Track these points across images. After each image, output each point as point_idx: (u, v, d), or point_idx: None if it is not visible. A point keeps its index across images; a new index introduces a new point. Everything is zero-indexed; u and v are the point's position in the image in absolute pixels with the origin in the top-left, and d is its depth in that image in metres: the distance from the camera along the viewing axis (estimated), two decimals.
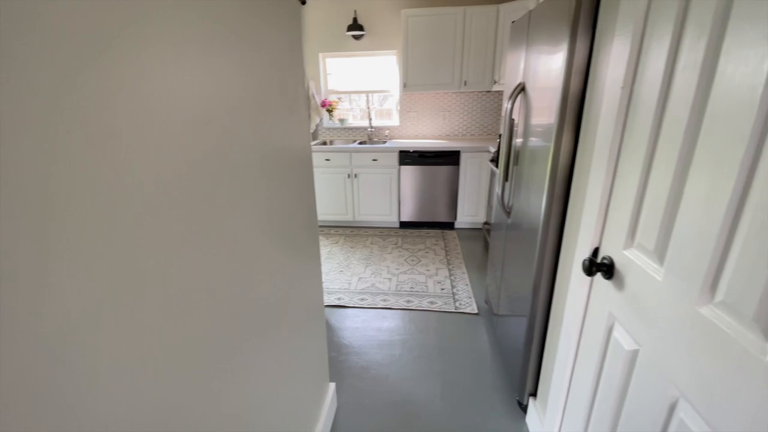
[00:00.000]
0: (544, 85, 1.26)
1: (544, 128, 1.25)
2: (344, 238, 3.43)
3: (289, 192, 1.07)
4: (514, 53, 1.69)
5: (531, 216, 1.37)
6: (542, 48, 1.29)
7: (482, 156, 3.29)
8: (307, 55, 3.78)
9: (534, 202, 1.34)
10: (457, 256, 3.02)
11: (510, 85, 1.75)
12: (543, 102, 1.27)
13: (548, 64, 1.22)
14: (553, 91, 1.17)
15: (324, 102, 3.84)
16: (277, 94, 0.99)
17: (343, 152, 3.44)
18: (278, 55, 0.99)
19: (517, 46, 1.64)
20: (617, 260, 0.86)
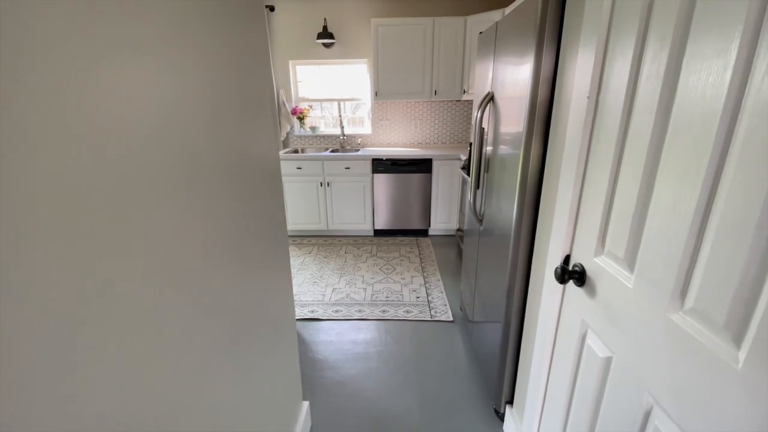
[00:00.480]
0: (512, 95, 1.28)
1: (513, 136, 1.27)
2: (318, 248, 3.35)
3: (255, 202, 1.01)
4: (483, 63, 1.71)
5: (503, 222, 1.38)
6: (510, 59, 1.31)
7: (453, 164, 3.33)
8: (277, 63, 3.71)
9: (505, 208, 1.35)
10: (431, 263, 3.02)
11: (479, 95, 1.78)
12: (512, 111, 1.29)
13: (516, 74, 1.24)
14: (521, 101, 1.18)
15: (294, 109, 3.78)
16: (241, 100, 0.94)
17: (315, 160, 3.38)
18: (242, 61, 0.94)
19: (485, 56, 1.67)
20: (588, 267, 0.87)
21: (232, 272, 0.87)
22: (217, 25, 0.80)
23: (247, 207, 0.97)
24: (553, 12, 1.04)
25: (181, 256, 0.65)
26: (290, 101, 3.82)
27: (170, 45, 0.63)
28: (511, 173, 1.29)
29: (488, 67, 1.61)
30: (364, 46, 3.60)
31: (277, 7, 3.54)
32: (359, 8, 3.50)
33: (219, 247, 0.80)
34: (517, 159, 1.22)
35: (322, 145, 3.95)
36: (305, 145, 3.97)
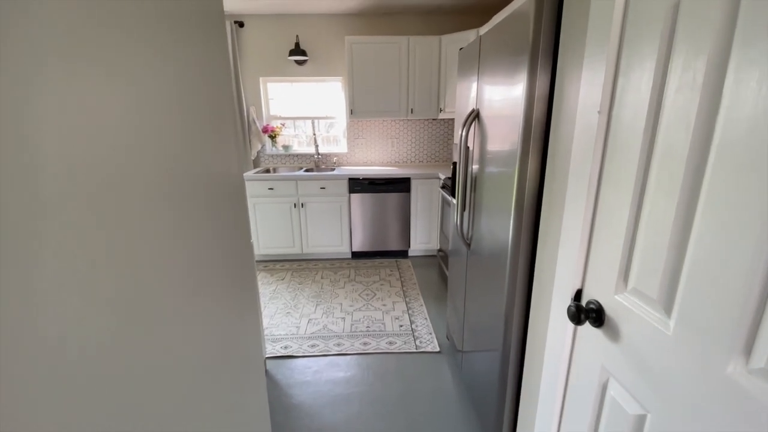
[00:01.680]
0: (502, 113, 1.19)
1: (505, 154, 1.17)
2: (291, 274, 3.13)
3: (216, 227, 0.85)
4: (465, 80, 1.64)
5: (496, 243, 1.27)
6: (498, 77, 1.23)
7: (432, 183, 3.25)
8: (247, 79, 3.55)
9: (498, 229, 1.24)
10: (413, 286, 2.87)
11: (462, 113, 1.69)
12: (502, 129, 1.20)
13: (507, 92, 1.15)
14: (514, 119, 1.09)
15: (266, 128, 3.61)
16: (200, 116, 0.79)
17: (289, 180, 3.20)
18: (200, 74, 0.79)
19: (468, 73, 1.59)
20: (607, 305, 0.75)
21: (189, 306, 0.69)
22: (162, 32, 0.65)
23: (208, 232, 0.80)
24: (547, 25, 0.97)
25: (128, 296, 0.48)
26: (261, 119, 3.65)
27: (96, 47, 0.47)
28: (503, 192, 1.19)
29: (471, 84, 1.54)
30: (338, 63, 3.52)
31: (246, 23, 3.41)
32: (332, 26, 3.43)
33: (169, 278, 0.62)
34: (511, 178, 1.12)
35: (295, 164, 3.78)
36: (278, 164, 3.79)
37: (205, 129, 0.84)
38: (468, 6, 3.22)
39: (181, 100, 0.72)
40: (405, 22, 3.45)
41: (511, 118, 1.11)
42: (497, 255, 1.26)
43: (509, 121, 1.13)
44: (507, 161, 1.16)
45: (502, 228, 1.21)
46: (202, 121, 0.82)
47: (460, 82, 1.72)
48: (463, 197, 1.56)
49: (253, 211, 3.27)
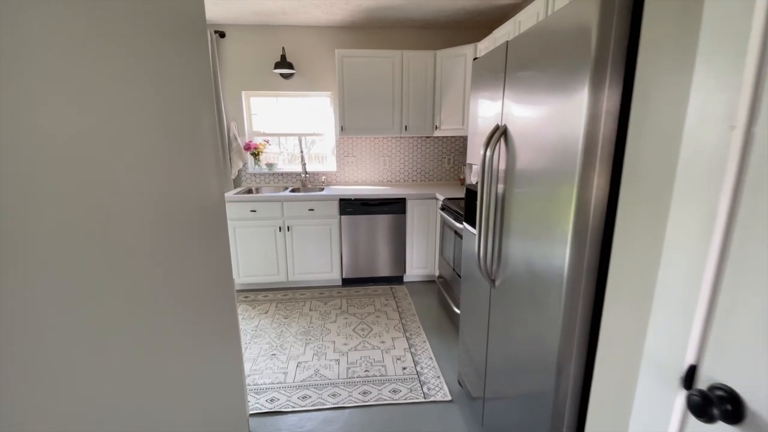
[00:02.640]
0: (548, 130, 0.99)
1: (553, 175, 0.97)
2: (276, 305, 2.82)
3: (191, 255, 0.60)
4: (483, 94, 1.45)
5: (540, 278, 1.05)
6: (539, 89, 1.04)
7: (429, 203, 3.05)
8: (228, 93, 3.29)
9: (544, 261, 1.02)
10: (412, 317, 2.61)
11: (480, 130, 1.50)
12: (548, 147, 0.99)
13: (556, 106, 0.96)
14: (570, 136, 0.89)
15: (248, 144, 3.34)
16: (177, 133, 0.55)
17: (273, 201, 2.93)
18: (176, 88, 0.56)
19: (487, 85, 1.40)
20: (748, 394, 0.53)
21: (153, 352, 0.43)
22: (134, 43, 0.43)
23: (182, 261, 0.55)
24: (619, 32, 0.78)
25: None
26: (243, 135, 3.38)
27: None
28: (553, 219, 0.97)
29: (493, 97, 1.35)
30: (327, 77, 3.32)
31: (228, 34, 3.18)
32: (321, 38, 3.25)
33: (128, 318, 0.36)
34: (567, 202, 0.91)
35: (280, 183, 3.51)
36: (261, 184, 3.50)
37: (187, 152, 0.60)
38: (464, 21, 3.11)
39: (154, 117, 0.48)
40: (398, 36, 3.31)
41: (566, 135, 0.91)
42: (542, 292, 1.04)
43: (561, 138, 0.93)
44: (556, 183, 0.95)
45: (551, 260, 0.99)
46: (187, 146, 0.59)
47: (476, 96, 1.53)
48: (486, 225, 1.34)
49: (233, 235, 2.95)
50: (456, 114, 3.02)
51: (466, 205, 1.68)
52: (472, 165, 1.57)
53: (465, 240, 1.72)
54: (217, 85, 3.16)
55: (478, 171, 1.54)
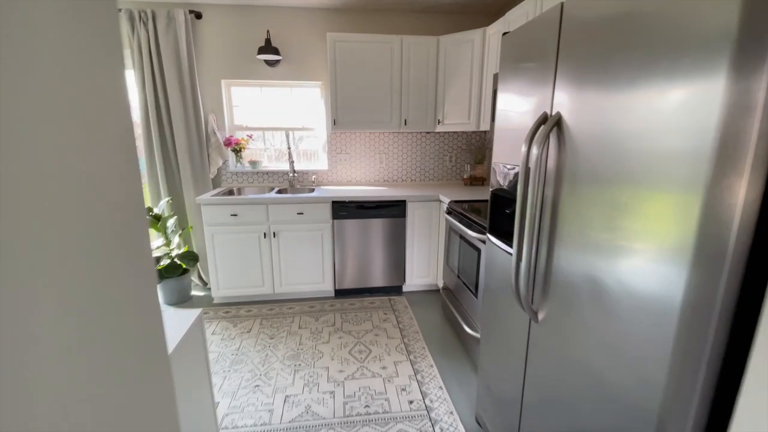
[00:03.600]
0: (646, 123, 0.70)
1: (656, 175, 0.68)
2: (261, 322, 2.49)
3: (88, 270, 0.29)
4: (520, 77, 1.16)
5: (624, 303, 0.76)
6: (623, 64, 0.74)
7: (431, 206, 2.76)
8: (205, 82, 2.93)
9: (636, 283, 0.74)
10: (415, 335, 2.32)
11: (514, 123, 1.20)
12: (638, 142, 0.70)
13: (666, 91, 0.67)
14: (688, 132, 0.60)
15: (229, 140, 2.98)
16: None
17: (257, 204, 2.59)
18: None
19: (527, 66, 1.11)
20: None
21: None
22: None
23: None
24: None
25: None
26: (223, 129, 3.02)
27: None
28: (652, 235, 0.69)
29: (539, 80, 1.05)
30: (317, 65, 2.99)
31: (205, 14, 2.81)
32: (311, 20, 2.91)
33: None
34: (683, 216, 0.62)
35: (265, 183, 3.16)
36: (243, 184, 3.15)
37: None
38: (471, 3, 2.81)
39: None
40: (397, 20, 2.99)
41: (685, 130, 0.62)
42: (630, 325, 0.76)
43: (675, 133, 0.64)
44: (661, 188, 0.66)
45: (649, 285, 0.71)
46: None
47: (507, 81, 1.23)
48: (530, 242, 1.05)
49: (210, 242, 2.61)
50: (461, 107, 2.73)
51: (492, 214, 1.39)
52: (503, 165, 1.28)
53: (488, 255, 1.43)
54: (193, 72, 2.80)
55: (505, 172, 1.25)
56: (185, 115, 2.83)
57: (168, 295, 2.77)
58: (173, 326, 1.04)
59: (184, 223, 3.03)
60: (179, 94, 2.79)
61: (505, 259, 1.28)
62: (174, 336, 0.97)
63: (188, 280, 2.86)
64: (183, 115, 2.82)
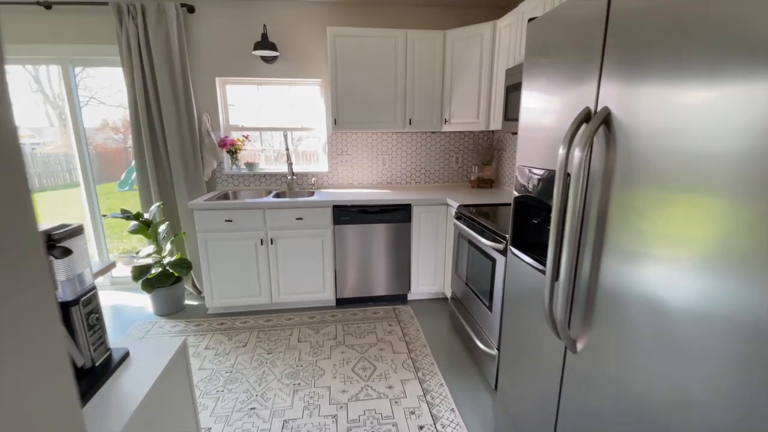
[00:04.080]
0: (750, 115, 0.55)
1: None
2: (258, 335, 2.33)
3: None
4: (553, 69, 1.01)
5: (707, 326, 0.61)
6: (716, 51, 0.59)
7: (438, 210, 2.61)
8: (199, 79, 2.77)
9: (728, 304, 0.59)
10: (422, 349, 2.17)
11: (544, 122, 1.05)
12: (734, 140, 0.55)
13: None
14: None
15: (224, 141, 2.83)
16: None
17: (254, 209, 2.43)
18: None
19: (560, 57, 0.96)
20: None
21: None
22: None
23: None
24: None
25: None
26: (218, 130, 2.87)
27: None
28: (742, 245, 0.54)
29: (579, 70, 0.90)
30: (317, 62, 2.84)
31: (197, 7, 2.66)
32: (310, 13, 2.76)
33: None
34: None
35: (262, 187, 3.01)
36: (239, 187, 2.99)
37: None
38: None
39: None
40: (401, 14, 2.84)
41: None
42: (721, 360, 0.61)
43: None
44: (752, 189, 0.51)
45: (741, 310, 0.56)
46: None
47: (535, 75, 1.08)
48: (570, 258, 0.90)
49: (204, 250, 2.45)
50: (469, 106, 2.58)
51: (515, 223, 1.24)
52: (529, 168, 1.13)
53: (510, 269, 1.27)
54: (185, 69, 2.64)
55: (532, 177, 1.10)
56: (177, 115, 2.68)
57: (160, 305, 2.62)
58: (151, 360, 0.88)
59: (177, 229, 2.87)
60: (171, 93, 2.63)
61: (533, 275, 1.13)
62: (148, 376, 0.82)
63: (181, 289, 2.70)
64: (175, 115, 2.66)
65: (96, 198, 2.96)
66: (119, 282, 3.09)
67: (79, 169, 2.88)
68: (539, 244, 1.16)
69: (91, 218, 2.98)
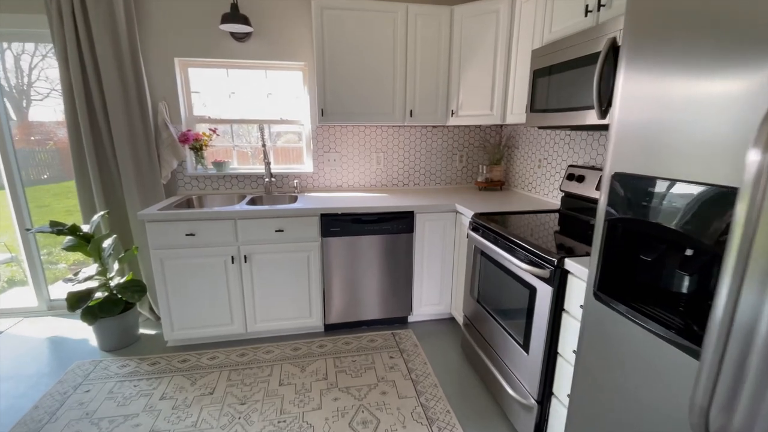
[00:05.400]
0: None
1: None
2: (229, 376, 1.88)
3: None
4: (695, 43, 0.62)
5: None
6: None
7: (446, 218, 2.21)
8: (153, 60, 2.27)
9: None
10: (434, 390, 1.78)
11: (663, 115, 0.66)
12: None
13: None
14: None
15: (186, 135, 2.33)
16: None
17: (222, 219, 1.97)
18: None
19: (707, 23, 0.57)
20: None
21: None
22: None
23: None
24: None
25: None
26: (179, 122, 2.37)
27: None
28: None
29: (745, 43, 0.51)
30: (300, 40, 2.38)
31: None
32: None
33: None
34: None
35: (234, 190, 2.53)
36: (206, 191, 2.51)
37: None
38: None
39: None
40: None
41: None
42: None
43: None
44: None
45: None
46: None
47: (645, 49, 0.69)
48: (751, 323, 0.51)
49: (160, 270, 1.97)
50: (482, 95, 2.19)
51: (606, 256, 0.84)
52: (639, 178, 0.74)
53: (593, 320, 0.89)
54: (135, 47, 2.14)
55: (644, 191, 0.71)
56: (126, 103, 2.17)
57: (106, 339, 2.12)
58: None
59: (129, 243, 2.36)
60: (117, 76, 2.12)
61: (648, 345, 0.74)
62: None
63: (134, 317, 2.21)
64: (123, 103, 2.15)
65: (26, 205, 2.41)
66: (60, 306, 2.55)
67: (2, 170, 2.32)
68: (659, 296, 0.77)
69: (20, 230, 2.43)
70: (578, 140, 1.98)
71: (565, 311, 1.25)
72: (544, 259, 1.30)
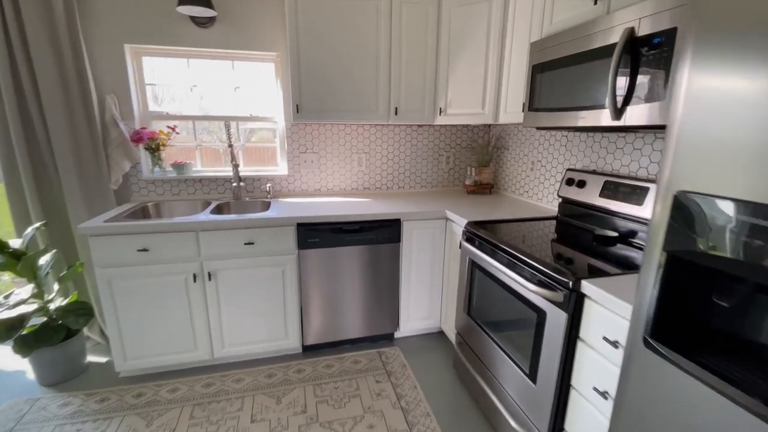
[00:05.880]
0: None
1: None
2: (192, 413, 1.63)
3: None
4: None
5: None
6: None
7: (435, 226, 2.03)
8: (99, 47, 1.96)
9: None
10: (426, 420, 1.60)
11: (731, 110, 0.49)
12: None
13: None
14: None
15: (140, 133, 2.04)
16: None
17: (182, 232, 1.71)
18: None
19: None
20: None
21: None
22: None
23: None
24: None
25: None
26: (131, 119, 2.07)
27: None
28: None
29: None
30: (271, 28, 2.13)
31: None
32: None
33: None
34: None
35: (198, 196, 2.26)
36: (165, 196, 2.22)
37: None
38: None
39: None
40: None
41: None
42: None
43: None
44: None
45: None
46: None
47: (714, 34, 0.52)
48: None
49: (107, 291, 1.69)
50: (472, 92, 2.02)
51: (664, 294, 0.67)
52: (698, 194, 0.57)
53: (643, 368, 0.72)
54: (75, 31, 1.83)
55: (714, 217, 0.54)
56: (66, 97, 1.86)
57: (44, 373, 1.81)
58: None
59: (73, 259, 2.05)
60: (55, 66, 1.81)
61: (721, 411, 0.57)
62: None
63: (80, 344, 1.91)
64: (62, 96, 1.84)
65: None
66: None
67: None
68: (727, 351, 0.61)
69: None
70: (576, 142, 1.84)
71: (580, 340, 1.10)
72: (556, 280, 1.14)
